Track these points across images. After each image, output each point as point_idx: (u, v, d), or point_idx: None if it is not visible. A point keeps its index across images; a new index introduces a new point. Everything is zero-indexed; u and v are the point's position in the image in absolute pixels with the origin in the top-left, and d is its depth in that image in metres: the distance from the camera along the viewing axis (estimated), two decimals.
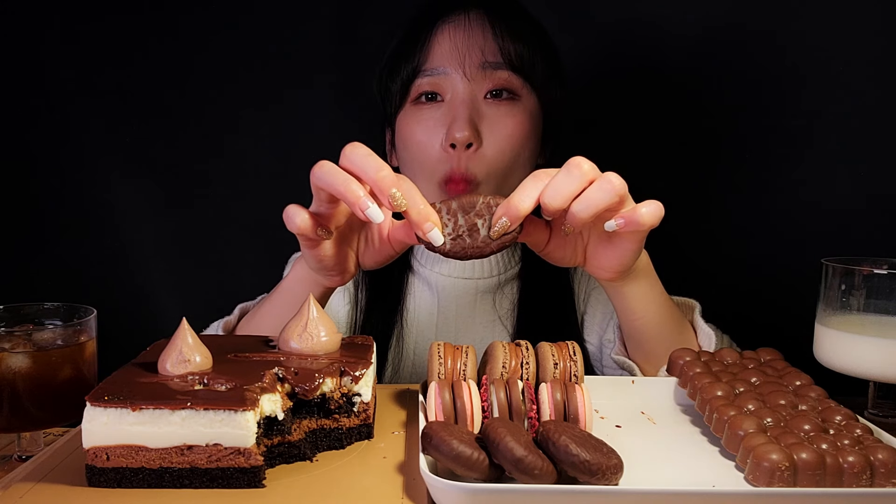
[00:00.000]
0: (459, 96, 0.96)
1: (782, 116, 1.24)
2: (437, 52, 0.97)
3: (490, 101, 0.97)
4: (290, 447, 0.65)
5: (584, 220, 0.68)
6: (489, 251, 0.71)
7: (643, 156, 1.28)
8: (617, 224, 0.70)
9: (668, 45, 1.26)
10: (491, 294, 1.08)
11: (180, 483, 0.59)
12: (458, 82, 0.96)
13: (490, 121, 0.97)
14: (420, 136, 0.98)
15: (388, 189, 0.67)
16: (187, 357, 0.63)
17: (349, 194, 0.67)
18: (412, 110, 1.00)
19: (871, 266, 0.80)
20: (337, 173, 0.68)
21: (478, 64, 0.96)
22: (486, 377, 0.70)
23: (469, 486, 0.55)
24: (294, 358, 0.68)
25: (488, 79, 0.97)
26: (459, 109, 0.95)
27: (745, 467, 0.62)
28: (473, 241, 0.71)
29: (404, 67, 0.99)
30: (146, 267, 1.33)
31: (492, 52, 0.96)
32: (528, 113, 0.99)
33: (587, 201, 0.68)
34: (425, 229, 0.69)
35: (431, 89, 0.98)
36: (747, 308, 1.27)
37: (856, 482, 0.59)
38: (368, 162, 0.68)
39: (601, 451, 0.58)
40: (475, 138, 0.95)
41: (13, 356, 0.71)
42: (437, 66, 0.97)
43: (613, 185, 0.68)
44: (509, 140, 0.97)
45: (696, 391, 0.74)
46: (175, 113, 1.30)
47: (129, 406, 0.58)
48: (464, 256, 0.71)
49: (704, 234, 1.29)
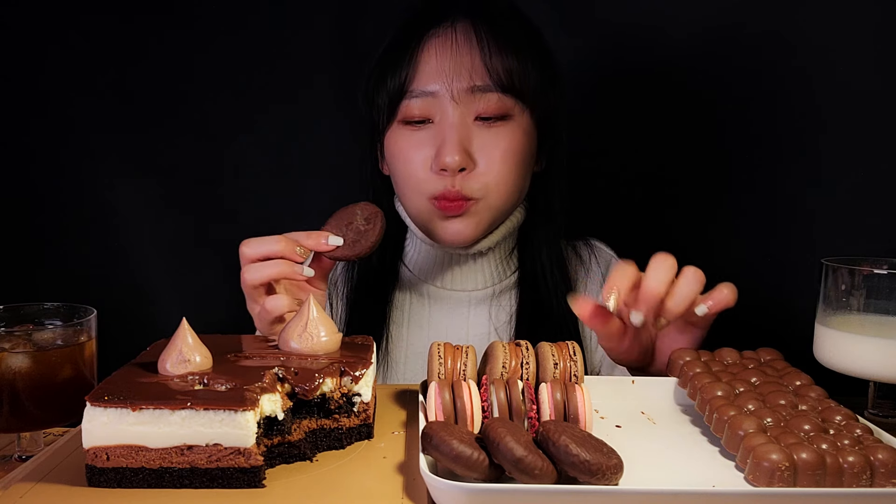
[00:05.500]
0: (448, 120, 0.94)
1: (783, 117, 1.23)
2: (425, 70, 0.94)
3: (481, 123, 0.95)
4: (290, 447, 0.65)
5: (678, 313, 0.76)
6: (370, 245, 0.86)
7: (643, 156, 1.28)
8: (708, 307, 0.78)
9: (669, 45, 1.25)
10: (486, 305, 1.05)
11: (180, 483, 0.59)
12: (447, 105, 0.94)
13: (482, 143, 0.94)
14: (410, 157, 0.96)
15: (293, 253, 0.81)
16: (187, 357, 0.63)
17: (291, 274, 0.81)
18: (401, 130, 0.97)
19: (871, 266, 0.80)
20: (263, 267, 0.82)
21: (466, 88, 0.93)
22: (486, 377, 0.70)
23: (469, 486, 0.55)
24: (294, 358, 0.68)
25: (477, 101, 0.94)
26: (449, 133, 0.93)
27: (745, 467, 0.62)
28: (365, 242, 0.86)
29: (391, 81, 0.96)
30: (146, 267, 1.33)
31: (480, 74, 0.93)
32: (521, 130, 0.96)
33: (682, 296, 0.76)
34: (325, 240, 0.83)
35: (421, 115, 0.95)
36: (747, 308, 1.26)
37: (856, 482, 0.59)
38: (264, 246, 0.81)
39: (601, 451, 0.58)
40: (467, 162, 0.93)
41: (13, 356, 0.71)
42: (425, 86, 0.94)
43: (699, 277, 0.77)
44: (503, 159, 0.95)
45: (696, 391, 0.74)
46: (176, 113, 1.30)
47: (129, 406, 0.58)
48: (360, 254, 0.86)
49: (704, 234, 1.29)
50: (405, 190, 0.99)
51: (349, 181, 1.20)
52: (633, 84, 1.28)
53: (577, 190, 1.06)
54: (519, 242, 1.06)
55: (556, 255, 1.05)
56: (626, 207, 1.29)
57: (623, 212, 1.29)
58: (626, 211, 1.29)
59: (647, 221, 1.29)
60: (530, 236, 1.05)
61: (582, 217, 1.08)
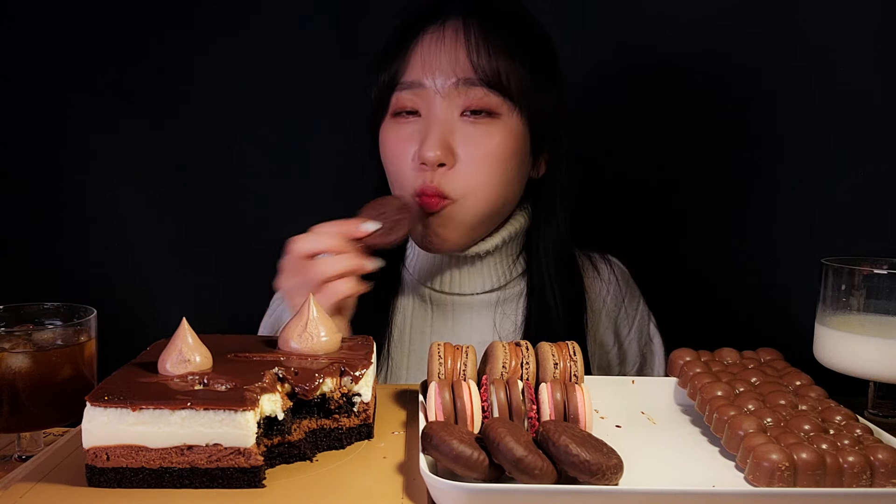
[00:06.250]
0: (433, 114, 0.94)
1: (784, 117, 1.23)
2: (414, 64, 0.95)
3: (467, 118, 0.94)
4: (290, 447, 0.65)
5: None
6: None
7: (644, 156, 1.28)
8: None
9: (668, 45, 1.25)
10: (490, 312, 1.03)
11: (180, 483, 0.59)
12: (433, 99, 0.93)
13: (466, 139, 0.93)
14: (396, 150, 0.96)
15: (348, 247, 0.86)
16: (187, 357, 0.63)
17: (359, 269, 0.86)
18: (392, 123, 0.97)
19: (871, 266, 0.80)
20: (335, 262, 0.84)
21: (452, 82, 0.93)
22: (486, 377, 0.70)
23: (469, 486, 0.55)
24: (294, 358, 0.68)
25: (462, 96, 0.93)
26: (432, 128, 0.93)
27: (745, 467, 0.62)
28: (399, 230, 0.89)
29: (383, 75, 0.97)
30: (146, 267, 1.33)
31: (465, 69, 0.92)
32: (508, 131, 0.94)
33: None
34: (362, 225, 0.87)
35: (411, 105, 0.95)
36: (747, 308, 1.27)
37: (856, 482, 0.59)
38: (319, 243, 0.85)
39: (601, 451, 0.58)
40: (447, 158, 0.92)
41: (13, 356, 0.71)
42: (414, 79, 0.94)
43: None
44: (486, 160, 0.93)
45: (696, 391, 0.74)
46: (176, 113, 1.30)
47: (129, 406, 0.58)
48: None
49: (704, 234, 1.29)
50: (394, 186, 0.98)
51: (349, 181, 1.20)
52: (633, 85, 1.28)
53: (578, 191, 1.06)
54: (525, 249, 1.05)
55: (566, 263, 1.03)
56: (625, 207, 1.29)
57: (623, 212, 1.29)
58: (625, 211, 1.29)
59: (646, 222, 1.29)
60: (536, 242, 1.03)
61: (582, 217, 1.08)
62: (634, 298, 1.10)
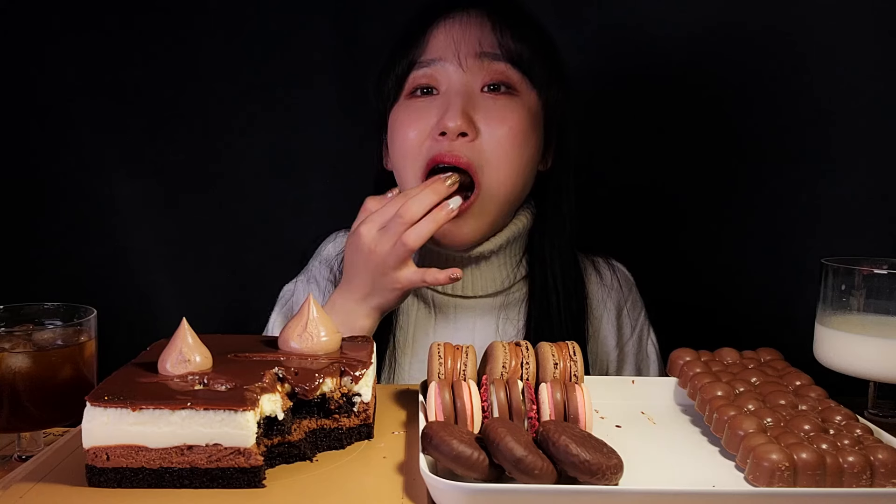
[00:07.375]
0: (455, 87, 0.93)
1: (784, 117, 1.24)
2: (433, 45, 0.95)
3: (488, 94, 0.94)
4: (290, 447, 0.65)
5: None
6: None
7: (644, 157, 1.28)
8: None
9: (668, 46, 1.25)
10: (493, 316, 1.02)
11: (180, 483, 0.59)
12: (454, 73, 0.94)
13: (487, 113, 0.93)
14: (410, 126, 0.95)
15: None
16: (187, 357, 0.63)
17: (446, 218, 0.88)
18: (406, 103, 0.97)
19: (871, 266, 0.80)
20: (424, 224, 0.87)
21: (475, 54, 0.93)
22: (486, 377, 0.70)
23: (469, 486, 0.55)
24: (294, 358, 0.68)
25: (485, 70, 0.94)
26: (454, 99, 0.92)
27: (745, 467, 0.62)
28: None
29: (399, 63, 0.97)
30: (146, 267, 1.33)
31: (489, 43, 0.94)
32: (527, 109, 0.95)
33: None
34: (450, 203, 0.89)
35: (427, 82, 0.95)
36: (747, 308, 1.27)
37: (856, 482, 0.59)
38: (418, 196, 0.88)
39: (601, 451, 0.58)
40: (469, 129, 0.91)
41: (13, 356, 0.71)
42: (433, 57, 0.95)
43: None
44: (509, 134, 0.93)
45: (696, 391, 0.74)
46: (176, 113, 1.30)
47: (129, 406, 0.58)
48: None
49: (704, 234, 1.29)
50: (405, 163, 0.96)
51: (349, 180, 1.20)
52: (633, 85, 1.28)
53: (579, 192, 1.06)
54: (528, 251, 1.04)
55: (570, 266, 1.02)
56: (625, 207, 1.29)
57: (622, 211, 1.29)
58: (625, 211, 1.29)
59: (647, 222, 1.29)
60: (540, 243, 1.02)
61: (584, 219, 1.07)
62: (637, 308, 1.09)
